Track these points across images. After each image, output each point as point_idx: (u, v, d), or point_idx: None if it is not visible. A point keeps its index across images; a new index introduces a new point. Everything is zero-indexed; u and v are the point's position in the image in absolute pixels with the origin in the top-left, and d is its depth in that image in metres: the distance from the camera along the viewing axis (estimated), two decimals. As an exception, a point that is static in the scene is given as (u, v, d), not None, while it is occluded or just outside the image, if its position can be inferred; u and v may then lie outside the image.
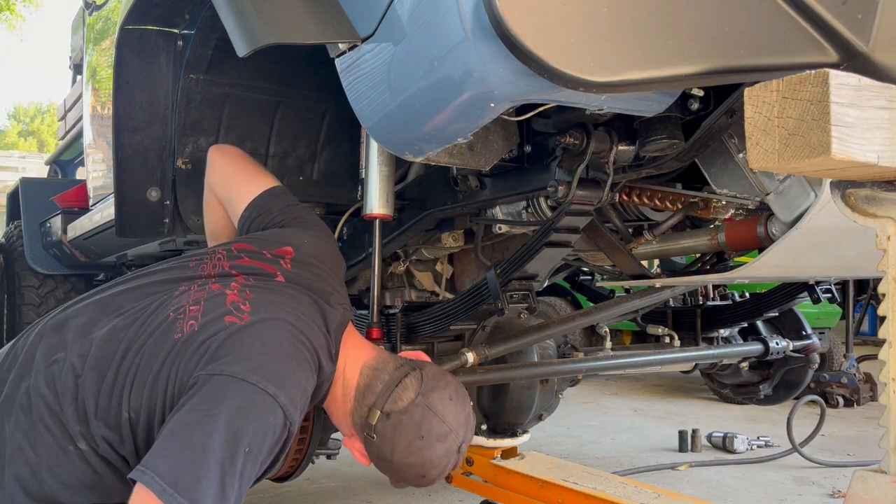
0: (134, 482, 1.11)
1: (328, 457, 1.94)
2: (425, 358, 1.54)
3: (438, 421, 1.36)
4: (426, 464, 1.37)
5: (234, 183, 1.68)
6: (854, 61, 1.03)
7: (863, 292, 3.01)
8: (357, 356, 1.44)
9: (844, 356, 5.26)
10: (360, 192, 1.84)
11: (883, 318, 0.94)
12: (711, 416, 4.92)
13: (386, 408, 1.35)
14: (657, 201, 1.74)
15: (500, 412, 2.24)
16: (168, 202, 2.00)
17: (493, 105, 1.05)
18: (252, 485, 1.20)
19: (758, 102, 0.85)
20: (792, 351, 2.85)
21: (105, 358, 1.27)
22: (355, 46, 1.19)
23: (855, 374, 5.26)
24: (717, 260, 1.97)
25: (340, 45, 1.21)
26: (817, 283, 2.53)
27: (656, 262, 3.55)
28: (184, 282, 1.41)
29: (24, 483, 1.23)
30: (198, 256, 1.49)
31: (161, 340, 1.27)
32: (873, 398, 5.22)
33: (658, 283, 1.86)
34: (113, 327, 1.31)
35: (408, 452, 1.35)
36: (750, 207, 1.68)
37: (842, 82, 0.81)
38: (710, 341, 2.83)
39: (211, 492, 1.09)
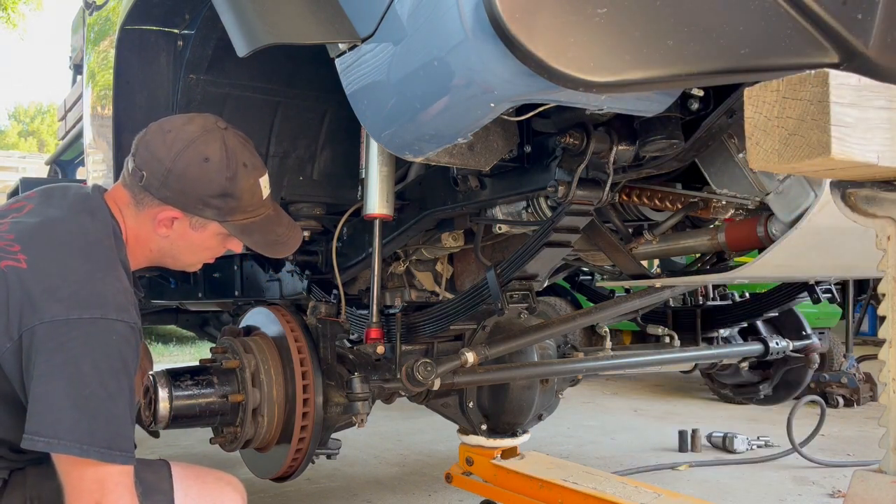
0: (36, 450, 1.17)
1: (328, 457, 1.93)
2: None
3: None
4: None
5: None
6: (854, 61, 1.03)
7: (863, 292, 3.01)
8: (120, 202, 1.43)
9: (844, 356, 5.25)
10: (360, 192, 1.84)
11: (883, 318, 0.94)
12: (711, 416, 4.91)
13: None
14: (657, 201, 1.74)
15: (500, 412, 2.24)
16: (168, 202, 2.00)
17: (493, 105, 1.05)
18: None
19: (758, 102, 0.85)
20: (792, 351, 2.86)
21: None
22: (355, 46, 1.19)
23: (855, 374, 5.26)
24: (717, 260, 1.97)
25: (340, 46, 1.21)
26: (817, 283, 2.53)
27: (656, 262, 3.54)
28: None
29: None
30: None
31: None
32: (873, 398, 5.22)
33: (658, 283, 1.86)
34: None
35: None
36: (750, 207, 1.68)
37: (842, 82, 0.81)
38: (710, 341, 2.82)
39: (115, 422, 1.19)
